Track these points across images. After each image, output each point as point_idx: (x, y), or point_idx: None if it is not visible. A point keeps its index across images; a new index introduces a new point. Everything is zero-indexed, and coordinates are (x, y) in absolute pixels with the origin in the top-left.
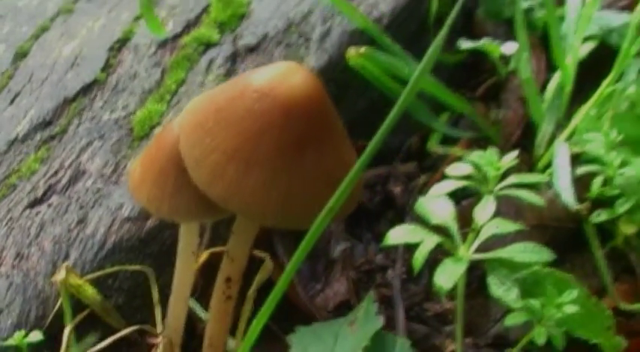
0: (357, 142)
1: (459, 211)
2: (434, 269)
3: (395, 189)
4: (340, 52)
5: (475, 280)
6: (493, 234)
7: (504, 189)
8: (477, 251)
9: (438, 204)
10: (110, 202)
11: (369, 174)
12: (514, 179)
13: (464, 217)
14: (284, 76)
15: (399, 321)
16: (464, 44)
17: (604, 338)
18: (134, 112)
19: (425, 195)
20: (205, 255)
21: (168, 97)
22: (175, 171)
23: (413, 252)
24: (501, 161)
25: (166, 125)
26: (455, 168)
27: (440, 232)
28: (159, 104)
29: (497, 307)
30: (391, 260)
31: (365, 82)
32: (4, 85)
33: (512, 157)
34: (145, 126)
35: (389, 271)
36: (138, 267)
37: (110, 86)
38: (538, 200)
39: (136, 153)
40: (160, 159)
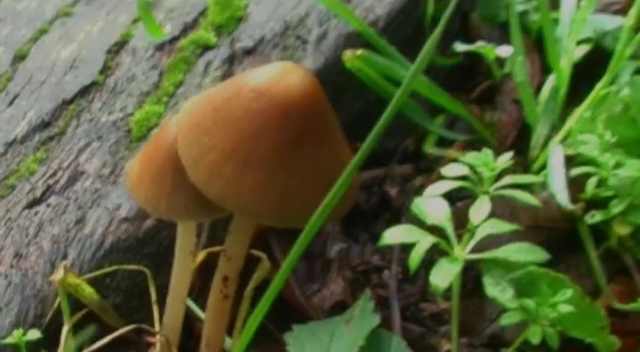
0: (353, 144)
1: (454, 212)
2: (430, 270)
3: (391, 190)
4: (336, 55)
5: (470, 280)
6: (488, 234)
7: (499, 189)
8: (473, 251)
9: (433, 204)
10: (108, 202)
11: (365, 175)
12: (509, 180)
13: (459, 218)
14: (281, 76)
15: (395, 321)
16: (459, 47)
17: (598, 338)
18: (132, 114)
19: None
20: (203, 254)
21: (165, 99)
22: (173, 171)
23: (409, 253)
24: (496, 162)
25: (164, 124)
26: (450, 169)
27: (435, 232)
28: (156, 106)
29: (492, 307)
30: (387, 260)
31: (361, 85)
32: (3, 87)
33: (507, 158)
34: (143, 128)
35: (385, 271)
36: (135, 267)
37: (108, 88)
38: (533, 200)
39: (134, 155)
40: (158, 158)
